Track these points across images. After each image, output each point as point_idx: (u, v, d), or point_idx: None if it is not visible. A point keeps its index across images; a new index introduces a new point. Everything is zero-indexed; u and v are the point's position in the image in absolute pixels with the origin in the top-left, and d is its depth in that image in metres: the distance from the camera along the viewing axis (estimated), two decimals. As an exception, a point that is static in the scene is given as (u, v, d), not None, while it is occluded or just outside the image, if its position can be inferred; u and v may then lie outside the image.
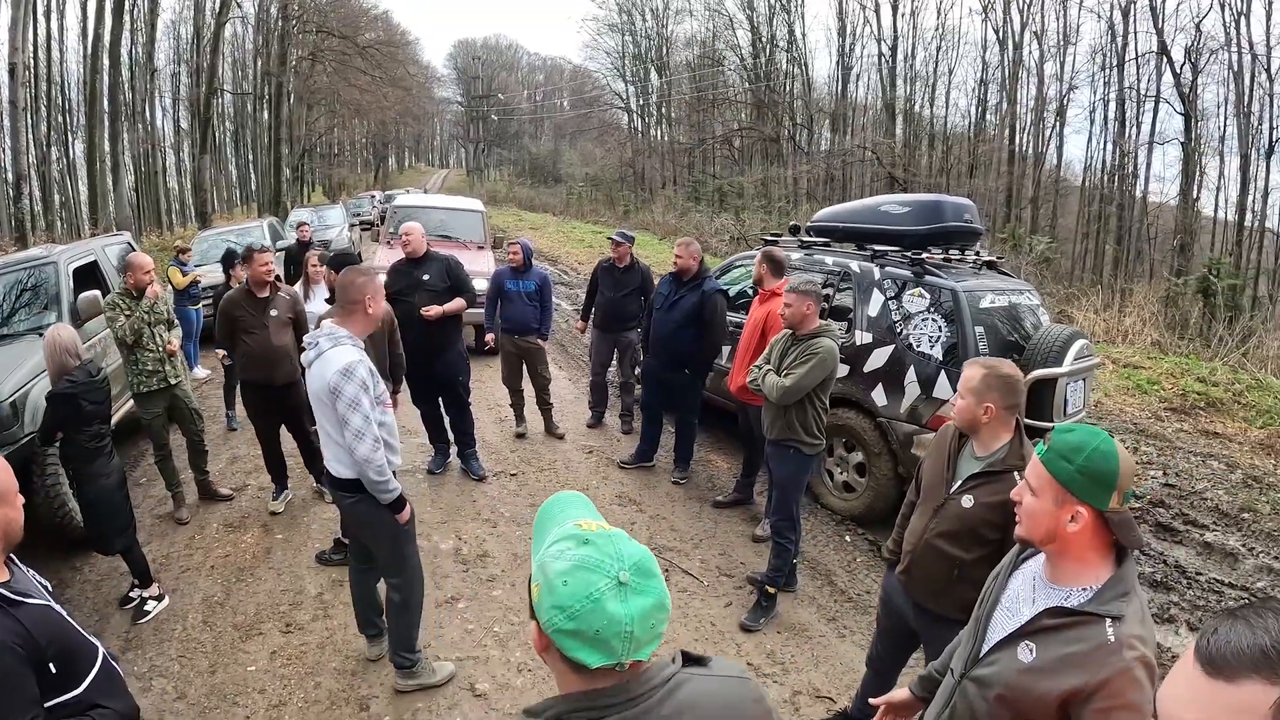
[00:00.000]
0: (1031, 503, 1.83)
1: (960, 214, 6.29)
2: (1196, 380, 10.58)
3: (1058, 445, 1.78)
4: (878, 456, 5.85)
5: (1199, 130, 30.43)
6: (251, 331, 5.73)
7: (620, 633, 1.14)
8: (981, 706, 1.91)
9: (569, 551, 1.20)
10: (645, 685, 1.22)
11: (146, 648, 4.35)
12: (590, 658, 1.15)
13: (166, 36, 40.46)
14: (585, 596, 1.14)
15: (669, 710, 1.22)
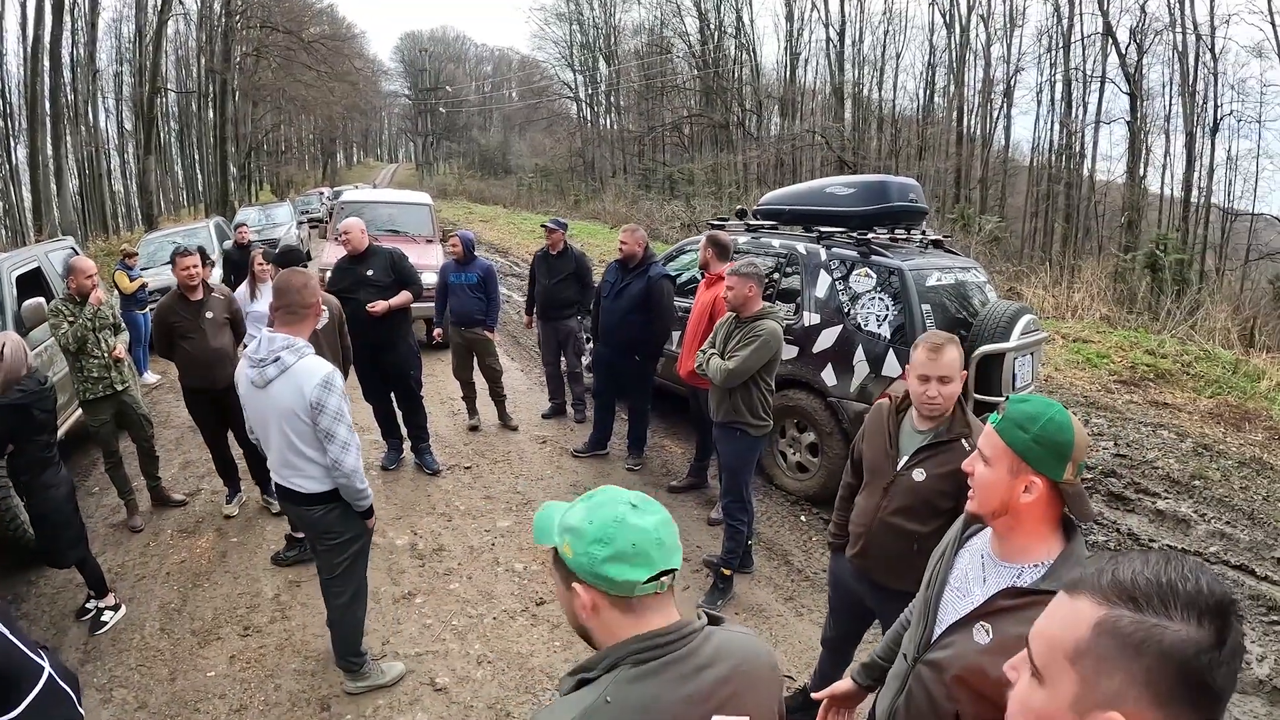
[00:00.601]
0: (985, 473, 1.79)
1: (905, 194, 6.36)
2: (1145, 353, 10.80)
3: (1013, 414, 1.75)
4: (830, 436, 5.92)
5: (1144, 109, 30.95)
6: (188, 336, 5.62)
7: (652, 539, 1.30)
8: (938, 690, 1.88)
9: (577, 505, 1.39)
10: (689, 629, 1.35)
11: (105, 658, 4.29)
12: (638, 573, 1.28)
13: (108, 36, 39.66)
14: (612, 521, 1.30)
15: (709, 651, 1.36)
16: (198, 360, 5.63)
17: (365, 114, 71.53)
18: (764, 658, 1.48)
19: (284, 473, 3.53)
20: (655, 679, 1.29)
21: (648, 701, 1.27)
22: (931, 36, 38.98)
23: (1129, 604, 0.94)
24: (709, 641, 1.37)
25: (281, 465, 3.51)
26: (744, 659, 1.41)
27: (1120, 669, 0.93)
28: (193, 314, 5.66)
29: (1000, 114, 36.73)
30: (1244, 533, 5.87)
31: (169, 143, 46.53)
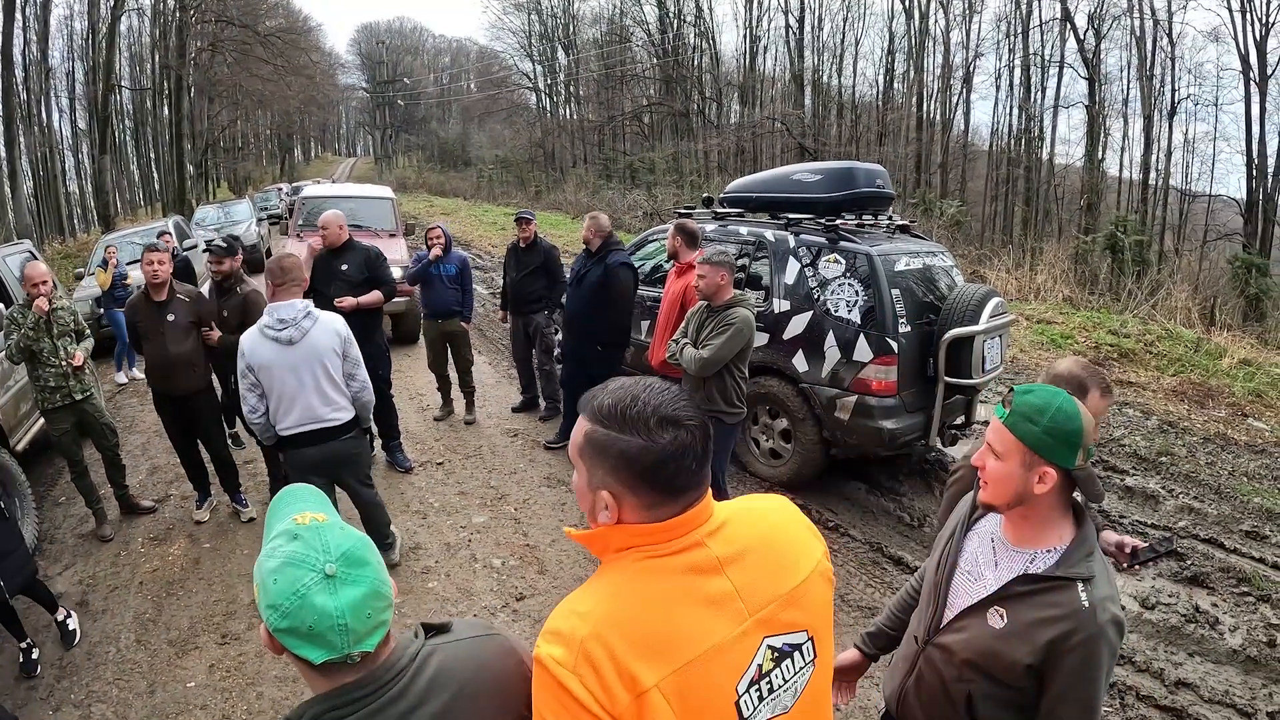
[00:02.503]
0: (998, 467, 1.80)
1: (872, 180, 6.40)
2: (1109, 333, 10.98)
3: (1020, 407, 1.76)
4: (802, 422, 5.95)
5: (1103, 94, 31.45)
6: (148, 338, 5.46)
7: (334, 626, 1.15)
8: (950, 672, 1.92)
9: (280, 548, 1.21)
10: (393, 671, 1.25)
11: (81, 673, 4.23)
12: (312, 654, 1.17)
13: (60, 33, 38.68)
14: (293, 593, 1.15)
15: (421, 687, 1.26)
16: (156, 364, 5.50)
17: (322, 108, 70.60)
18: (499, 664, 1.37)
19: (323, 411, 4.35)
20: None
21: None
22: (891, 23, 39.22)
23: (600, 422, 1.30)
24: (423, 673, 1.28)
25: (321, 405, 4.34)
26: (470, 678, 1.32)
27: (600, 463, 1.30)
28: (154, 316, 5.45)
29: (960, 99, 37.04)
30: (1212, 507, 6.00)
31: (124, 141, 45.69)
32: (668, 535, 1.31)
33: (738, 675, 1.32)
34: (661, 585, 1.29)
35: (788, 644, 1.39)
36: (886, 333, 5.50)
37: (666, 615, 1.28)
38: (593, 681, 1.20)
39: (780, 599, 1.38)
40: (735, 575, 1.34)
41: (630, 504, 1.31)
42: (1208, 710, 3.88)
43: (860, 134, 38.95)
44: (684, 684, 1.25)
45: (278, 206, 31.18)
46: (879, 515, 5.91)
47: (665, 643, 1.26)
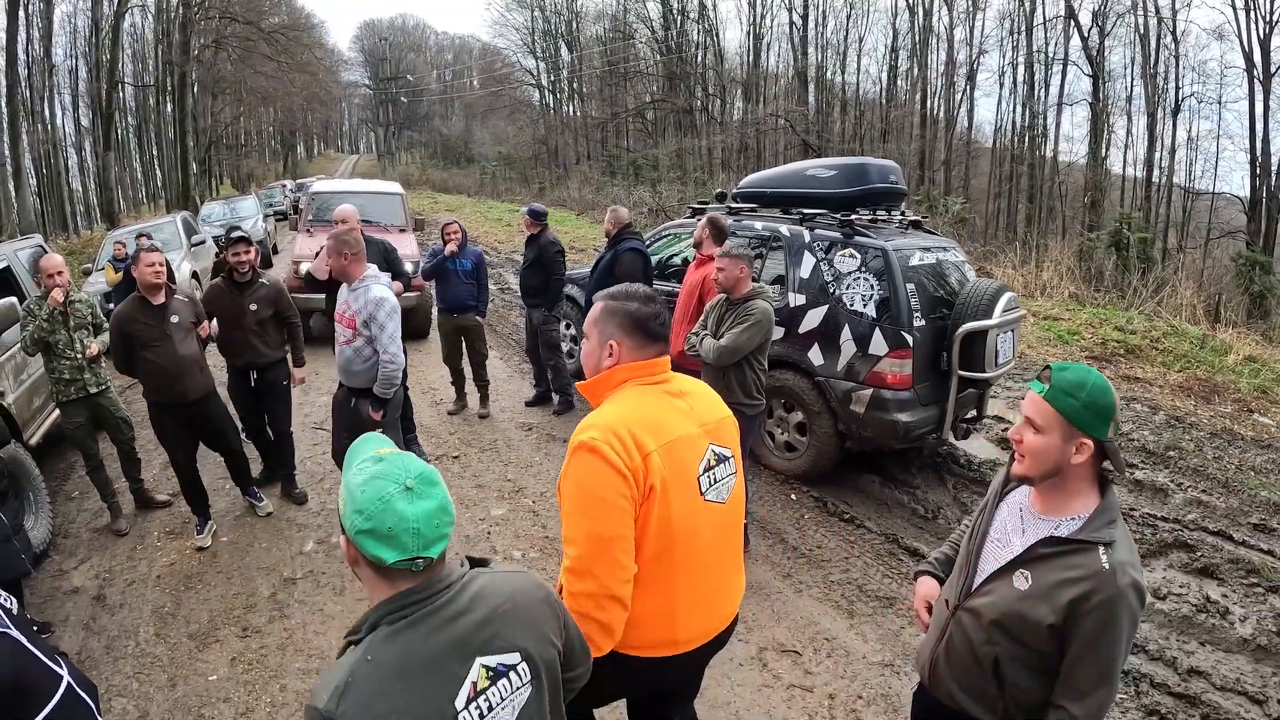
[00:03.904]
0: (1037, 440, 1.87)
1: (886, 175, 6.42)
2: (1115, 329, 11.00)
3: (1060, 383, 1.82)
4: (818, 415, 5.98)
5: (1107, 91, 31.35)
6: (152, 345, 5.06)
7: (408, 529, 1.39)
8: (978, 635, 1.99)
9: (367, 468, 1.47)
10: (444, 584, 1.51)
11: (100, 667, 4.21)
12: (386, 554, 1.39)
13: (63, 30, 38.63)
14: (377, 499, 1.40)
15: (466, 600, 1.52)
16: (166, 371, 5.08)
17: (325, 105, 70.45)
18: (530, 593, 1.66)
19: None
20: (410, 633, 1.45)
21: (404, 655, 1.43)
22: (894, 19, 39.14)
23: (612, 298, 2.22)
24: (468, 589, 1.54)
25: None
26: (505, 599, 1.59)
27: (610, 322, 2.19)
28: (156, 319, 5.11)
29: (963, 96, 37.04)
30: (1220, 500, 6.03)
31: (128, 138, 45.64)
32: (651, 369, 2.17)
33: (698, 460, 2.14)
34: (651, 396, 2.15)
35: (722, 454, 2.22)
36: (902, 326, 5.52)
37: (656, 411, 2.10)
38: (618, 445, 1.94)
39: (715, 422, 2.24)
40: (689, 401, 2.21)
41: (627, 346, 2.16)
42: (1220, 697, 3.90)
43: (864, 131, 38.87)
44: (670, 452, 2.04)
45: (282, 202, 31.21)
46: (893, 508, 5.93)
47: (658, 426, 2.06)
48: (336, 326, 4.98)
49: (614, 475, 1.91)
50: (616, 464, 1.91)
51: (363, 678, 1.40)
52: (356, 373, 4.90)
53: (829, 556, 5.19)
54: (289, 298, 5.92)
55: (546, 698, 1.64)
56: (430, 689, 1.44)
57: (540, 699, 1.62)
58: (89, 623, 4.64)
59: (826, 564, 5.10)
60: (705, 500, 2.12)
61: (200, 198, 35.93)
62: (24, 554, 4.29)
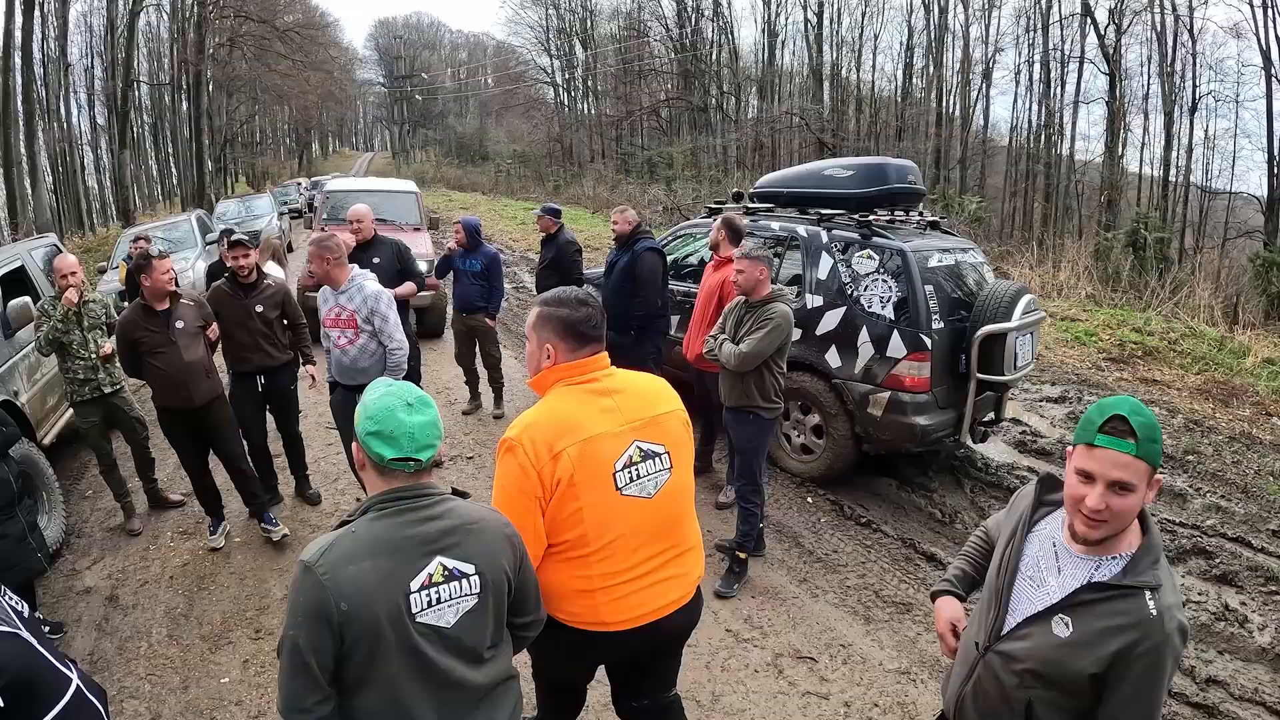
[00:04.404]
0: (1128, 502, 1.70)
1: (904, 175, 6.35)
2: (1132, 330, 10.89)
3: (1145, 432, 1.65)
4: (834, 418, 5.92)
5: (1123, 89, 31.10)
6: (159, 351, 4.96)
7: (406, 433, 1.82)
8: (1009, 679, 1.88)
9: (378, 389, 1.92)
10: (426, 490, 1.90)
11: (113, 668, 4.20)
12: (386, 450, 1.82)
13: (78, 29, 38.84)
14: (385, 409, 1.84)
15: (441, 510, 1.89)
16: (172, 378, 4.99)
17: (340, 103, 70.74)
18: (496, 526, 2.00)
19: None
20: (390, 520, 1.84)
21: (380, 534, 1.82)
22: (910, 17, 39.04)
23: (547, 304, 2.37)
24: (445, 504, 1.92)
25: None
26: (473, 522, 1.93)
27: (546, 327, 2.35)
28: (161, 325, 5.00)
29: (979, 94, 36.88)
30: (1239, 506, 5.95)
31: (143, 136, 45.85)
32: (580, 370, 2.37)
33: (616, 456, 2.31)
34: (574, 397, 2.34)
35: (650, 450, 2.38)
36: (920, 329, 5.46)
37: (575, 412, 2.31)
38: (530, 446, 2.21)
39: (645, 419, 2.39)
40: (618, 399, 2.37)
41: (561, 349, 2.36)
42: (1238, 707, 3.85)
43: (879, 129, 38.75)
44: (582, 451, 2.24)
45: (297, 201, 31.26)
46: (910, 511, 5.87)
47: (574, 426, 2.27)
48: (329, 333, 4.94)
49: (522, 474, 2.21)
50: (525, 464, 2.21)
51: (343, 543, 1.80)
52: (365, 369, 4.89)
53: (845, 561, 5.13)
54: (294, 299, 5.82)
55: (490, 614, 1.93)
56: (393, 566, 1.79)
57: (484, 611, 1.91)
58: (101, 623, 4.63)
59: (843, 569, 5.04)
60: (622, 495, 2.31)
61: (215, 196, 36.04)
62: (39, 552, 4.30)
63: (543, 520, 2.25)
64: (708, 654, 4.16)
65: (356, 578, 1.74)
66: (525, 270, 16.45)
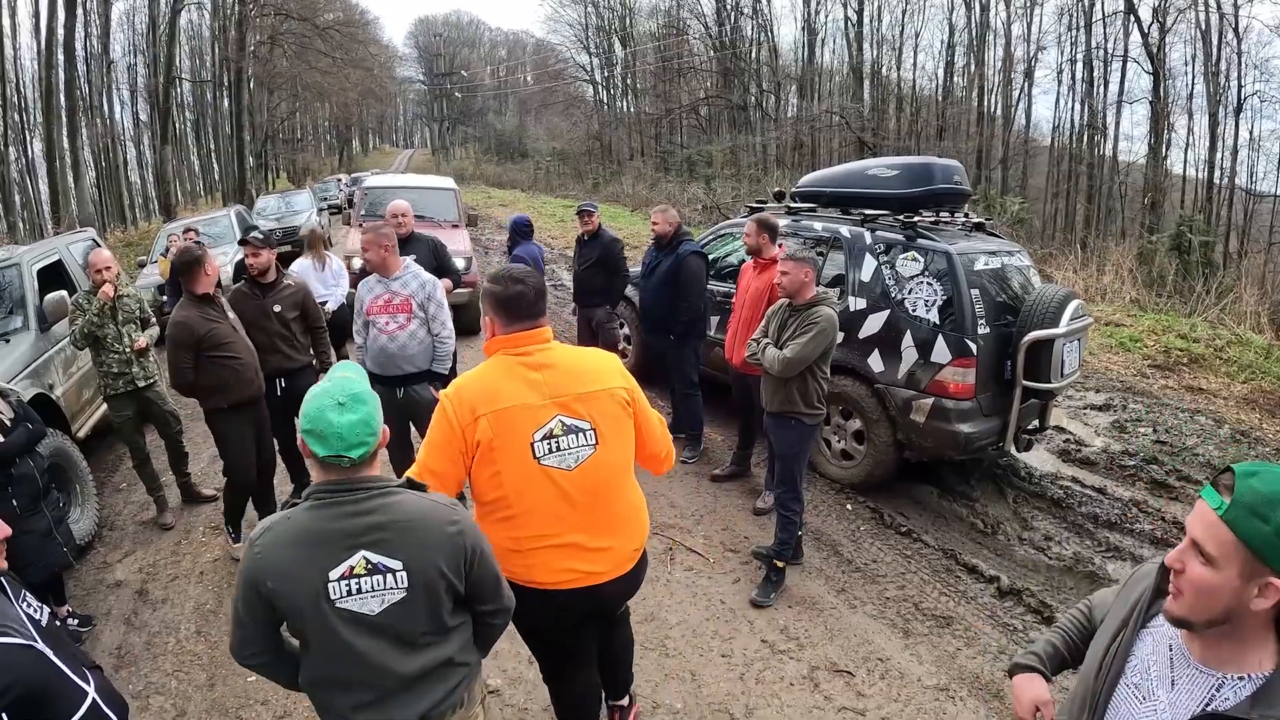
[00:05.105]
0: (1205, 575, 1.35)
1: (950, 176, 6.19)
2: (1178, 337, 10.64)
3: (1247, 498, 1.29)
4: (876, 423, 5.78)
5: (1167, 89, 30.47)
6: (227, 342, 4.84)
7: (335, 433, 1.91)
8: None
9: (319, 385, 2.01)
10: (363, 485, 1.99)
11: (140, 664, 4.18)
12: (318, 449, 1.93)
13: (121, 27, 39.63)
14: (316, 409, 1.92)
15: (373, 505, 1.98)
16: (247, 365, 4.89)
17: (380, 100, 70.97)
18: (436, 526, 2.04)
19: None
20: (320, 511, 1.97)
21: (309, 524, 1.97)
22: (951, 15, 38.48)
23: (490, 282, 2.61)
24: (382, 499, 2.00)
25: None
26: (408, 519, 2.01)
27: (488, 301, 2.60)
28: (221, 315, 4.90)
29: (1021, 93, 36.28)
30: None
31: (185, 132, 46.51)
32: (514, 342, 2.56)
33: (535, 427, 2.46)
34: (503, 368, 2.53)
35: (574, 425, 2.51)
36: (966, 334, 5.31)
37: (499, 382, 2.50)
38: (454, 406, 2.46)
39: (572, 395, 2.52)
40: (546, 374, 2.52)
41: (498, 323, 2.60)
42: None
43: (920, 128, 38.28)
44: (499, 419, 2.44)
45: (337, 197, 31.56)
46: (951, 521, 5.72)
47: (495, 395, 2.46)
48: (375, 320, 4.88)
49: (448, 427, 2.45)
50: (451, 420, 2.45)
51: (278, 527, 1.99)
52: (413, 355, 4.90)
53: (884, 571, 5.00)
54: (315, 300, 5.69)
55: (422, 606, 2.03)
56: (315, 555, 1.94)
57: (412, 605, 2.01)
58: (130, 617, 4.63)
59: (882, 579, 4.91)
60: (539, 464, 2.46)
61: (256, 191, 36.54)
62: (65, 547, 4.29)
63: (466, 474, 2.51)
64: (742, 665, 4.06)
65: (282, 561, 1.94)
66: (563, 268, 16.35)
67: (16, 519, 4.05)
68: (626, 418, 2.66)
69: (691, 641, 4.24)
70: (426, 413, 4.93)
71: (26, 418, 4.23)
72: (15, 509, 4.06)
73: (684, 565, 5.01)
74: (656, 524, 5.46)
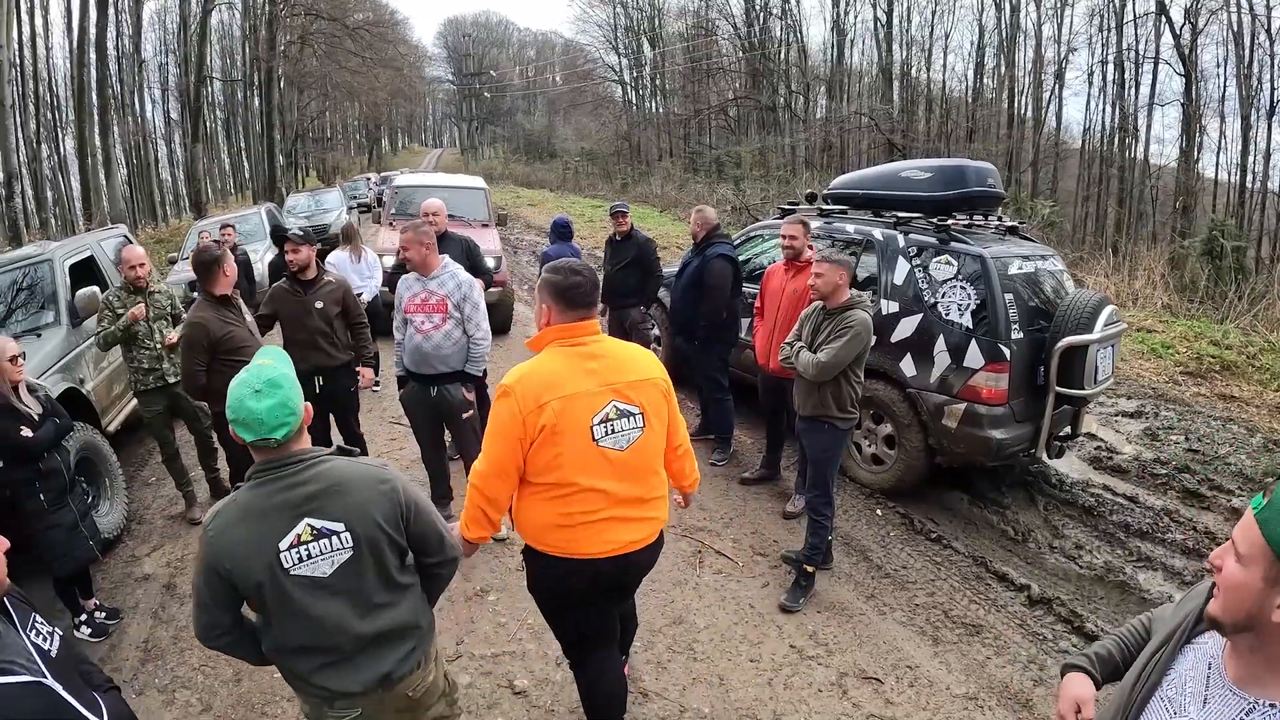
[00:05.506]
0: (1234, 572, 1.31)
1: (983, 179, 6.12)
2: (1210, 343, 10.49)
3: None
4: (907, 428, 5.73)
5: (1199, 91, 30.03)
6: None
7: (256, 419, 2.03)
8: None
9: (238, 378, 2.10)
10: (295, 459, 2.13)
11: (167, 658, 4.21)
12: (244, 434, 2.06)
13: (152, 27, 40.14)
14: (236, 398, 2.05)
15: (307, 475, 2.13)
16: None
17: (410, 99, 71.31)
18: (368, 485, 2.20)
19: None
20: (260, 489, 2.11)
21: (251, 503, 2.11)
22: (980, 16, 38.13)
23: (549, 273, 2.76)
24: (314, 469, 2.14)
25: None
26: (341, 482, 2.16)
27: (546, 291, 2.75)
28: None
29: (1052, 95, 35.89)
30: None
31: (215, 131, 46.96)
32: (570, 332, 2.73)
33: (594, 412, 2.66)
34: (563, 357, 2.70)
35: (626, 409, 2.71)
36: (999, 338, 5.25)
37: (559, 371, 2.65)
38: (521, 394, 2.59)
39: (623, 383, 2.72)
40: (600, 363, 2.71)
41: (555, 311, 2.73)
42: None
43: (949, 130, 37.98)
44: (564, 405, 2.60)
45: (366, 195, 31.77)
46: (981, 528, 5.65)
47: (558, 383, 2.62)
48: (411, 318, 4.89)
49: (510, 418, 2.59)
50: (514, 410, 2.58)
51: (226, 511, 2.12)
52: (447, 355, 4.90)
53: (914, 578, 4.94)
54: (355, 297, 5.68)
55: (369, 564, 2.19)
56: (263, 529, 2.09)
57: (360, 563, 2.17)
58: (157, 611, 4.66)
59: (911, 585, 4.85)
60: (598, 446, 2.66)
61: (286, 189, 36.73)
62: (91, 540, 4.33)
63: (523, 460, 2.65)
64: (770, 670, 4.02)
65: (234, 541, 2.08)
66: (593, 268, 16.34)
67: (44, 513, 4.13)
68: (665, 405, 2.87)
69: (720, 645, 4.21)
70: (458, 413, 4.97)
71: (54, 413, 4.29)
72: (43, 503, 4.15)
73: (713, 568, 4.98)
74: (685, 526, 5.45)
